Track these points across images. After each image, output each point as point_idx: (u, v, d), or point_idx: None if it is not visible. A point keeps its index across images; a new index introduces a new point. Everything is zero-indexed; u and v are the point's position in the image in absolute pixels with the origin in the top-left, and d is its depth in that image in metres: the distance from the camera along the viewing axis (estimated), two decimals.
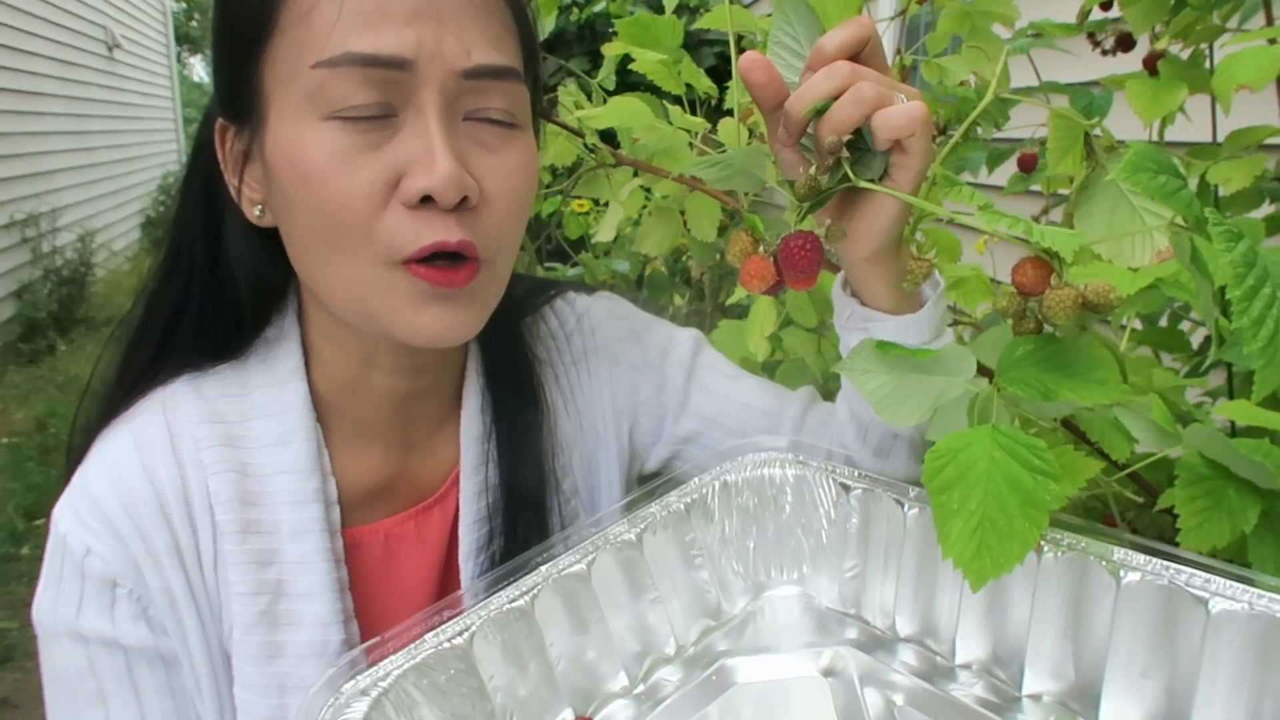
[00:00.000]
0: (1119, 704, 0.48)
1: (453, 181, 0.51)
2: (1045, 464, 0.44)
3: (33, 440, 3.81)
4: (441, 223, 0.53)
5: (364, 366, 0.63)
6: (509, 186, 0.56)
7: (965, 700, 0.52)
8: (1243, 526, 0.51)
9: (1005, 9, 0.97)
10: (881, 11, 3.23)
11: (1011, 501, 0.44)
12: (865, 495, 0.59)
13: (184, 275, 0.64)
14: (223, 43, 0.56)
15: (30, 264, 5.21)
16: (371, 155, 0.52)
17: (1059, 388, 0.48)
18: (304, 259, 0.57)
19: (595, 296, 0.80)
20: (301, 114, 0.52)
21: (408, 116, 0.52)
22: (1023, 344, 0.50)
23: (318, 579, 0.60)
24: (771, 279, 0.52)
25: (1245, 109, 0.82)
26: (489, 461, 0.68)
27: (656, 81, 0.87)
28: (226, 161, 0.59)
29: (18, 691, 2.39)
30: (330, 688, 0.43)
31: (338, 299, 0.56)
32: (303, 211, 0.53)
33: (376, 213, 0.52)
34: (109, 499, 0.58)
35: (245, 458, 0.61)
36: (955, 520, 0.45)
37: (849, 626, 0.59)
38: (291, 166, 0.52)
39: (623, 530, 0.56)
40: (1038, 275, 0.49)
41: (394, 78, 0.51)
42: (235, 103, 0.56)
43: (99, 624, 0.58)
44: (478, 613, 0.48)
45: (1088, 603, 0.49)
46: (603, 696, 0.53)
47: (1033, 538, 0.44)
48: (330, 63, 0.50)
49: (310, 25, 0.51)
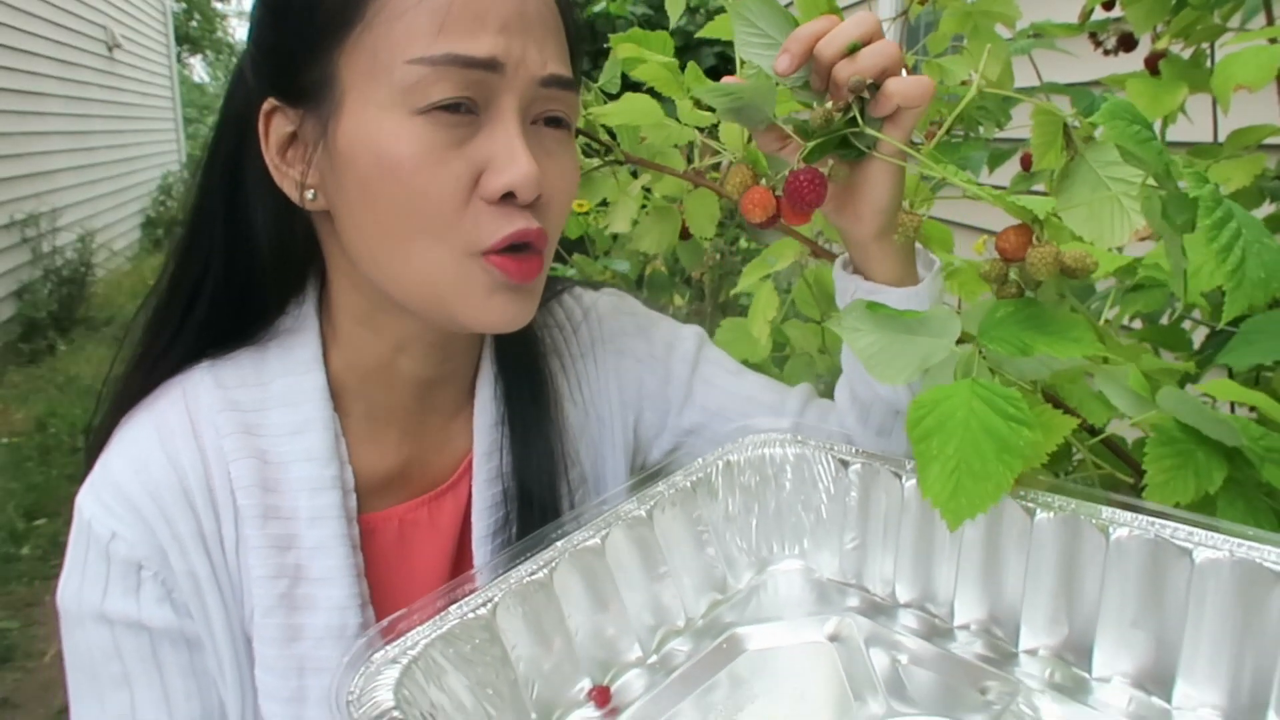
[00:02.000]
0: (1111, 653, 0.51)
1: (533, 178, 0.55)
2: (1020, 412, 0.48)
3: (33, 440, 3.81)
4: (521, 215, 0.56)
5: (394, 351, 0.65)
6: (564, 187, 0.60)
7: (966, 656, 0.54)
8: (1208, 487, 0.54)
9: (1007, 9, 0.98)
10: (883, 12, 3.24)
11: (987, 447, 0.48)
12: (864, 469, 0.61)
13: (203, 253, 0.64)
14: (288, 30, 0.58)
15: (30, 264, 5.21)
16: (456, 151, 0.55)
17: (1035, 343, 0.51)
18: (376, 246, 0.58)
19: (602, 292, 0.82)
20: (391, 106, 0.54)
21: (489, 117, 0.56)
22: (1004, 306, 0.54)
23: (335, 564, 0.61)
24: (772, 209, 0.57)
25: (1246, 108, 0.83)
26: (501, 449, 0.69)
27: (658, 87, 0.88)
28: (270, 143, 0.60)
29: (18, 691, 2.39)
30: (360, 657, 0.44)
31: (409, 285, 0.58)
32: (383, 201, 0.56)
33: (460, 206, 0.55)
34: (133, 484, 0.59)
35: (264, 445, 0.62)
36: (934, 464, 0.49)
37: (850, 596, 0.61)
38: (377, 157, 0.55)
39: (633, 507, 0.58)
40: (1019, 241, 0.53)
41: (484, 80, 0.54)
42: (295, 85, 0.58)
43: (124, 606, 0.59)
44: (499, 585, 0.50)
45: (1079, 560, 0.52)
46: (619, 666, 0.55)
47: (1006, 481, 0.47)
48: (431, 60, 0.53)
49: (409, 23, 0.53)
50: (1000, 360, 0.53)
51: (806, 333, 1.03)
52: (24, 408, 4.17)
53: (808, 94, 0.58)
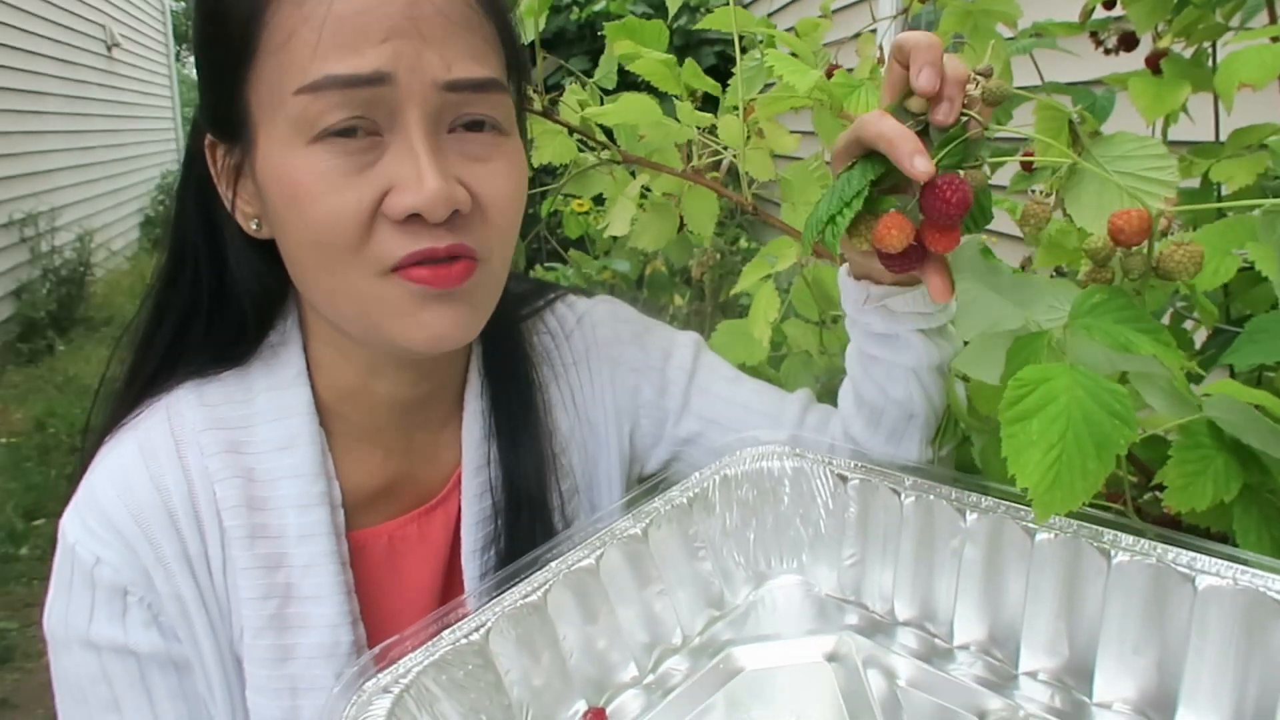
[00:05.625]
0: (1112, 679, 0.50)
1: (440, 198, 0.52)
2: (1124, 409, 0.45)
3: (32, 440, 3.81)
4: (429, 233, 0.54)
5: (367, 375, 0.64)
6: (500, 192, 0.57)
7: (965, 679, 0.54)
8: (1224, 495, 0.52)
9: (1007, 8, 0.97)
10: (883, 10, 3.23)
11: (1088, 440, 0.45)
12: (862, 485, 0.61)
13: (189, 281, 0.64)
14: (206, 64, 0.57)
15: (29, 264, 5.21)
16: (359, 177, 0.53)
17: (1140, 343, 0.48)
18: (301, 274, 0.58)
19: (596, 300, 0.81)
20: (289, 138, 0.53)
21: (393, 136, 0.53)
22: (1098, 293, 0.50)
23: (325, 581, 0.61)
24: (910, 234, 0.49)
25: (1248, 107, 0.82)
26: (491, 463, 0.68)
27: (655, 82, 0.87)
28: (220, 175, 0.59)
29: (17, 692, 2.39)
30: (352, 685, 0.44)
31: (338, 312, 0.57)
32: (295, 230, 0.55)
33: (365, 231, 0.53)
34: (116, 507, 0.58)
35: (250, 463, 0.61)
36: (1033, 450, 0.45)
37: (849, 612, 0.61)
38: (281, 188, 0.54)
39: (628, 525, 0.57)
40: (1139, 226, 0.48)
41: (376, 96, 0.52)
42: (223, 122, 0.57)
43: (111, 632, 0.58)
44: (492, 609, 0.49)
45: (1080, 583, 0.51)
46: (614, 687, 0.54)
47: (1100, 478, 0.45)
48: (312, 88, 0.51)
49: (290, 51, 0.52)
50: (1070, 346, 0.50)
51: (805, 332, 1.02)
52: (23, 408, 4.16)
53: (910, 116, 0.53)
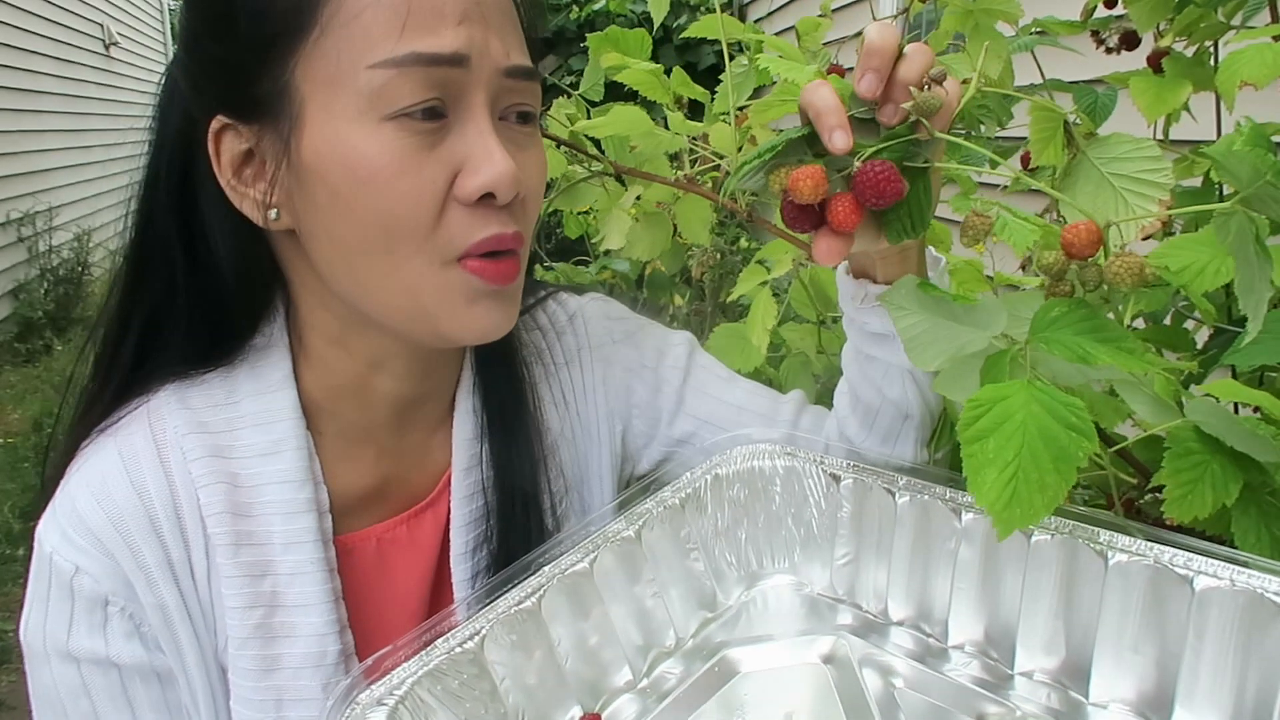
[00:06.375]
0: (1109, 678, 0.50)
1: (511, 176, 0.53)
2: (1081, 421, 0.45)
3: (29, 441, 3.80)
4: (497, 217, 0.54)
5: (370, 371, 0.62)
6: (537, 184, 0.58)
7: (962, 680, 0.54)
8: (1225, 499, 0.52)
9: (1008, 7, 0.97)
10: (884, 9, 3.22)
11: (1045, 455, 0.45)
12: (855, 485, 0.60)
13: (161, 280, 0.61)
14: (234, 35, 0.54)
15: (26, 263, 5.20)
16: (430, 155, 0.53)
17: (1098, 353, 0.48)
18: (352, 261, 0.55)
19: (588, 298, 0.80)
20: (357, 115, 0.52)
21: (459, 116, 0.53)
22: (1057, 306, 0.51)
23: (312, 589, 0.59)
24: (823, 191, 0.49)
25: (1249, 106, 0.82)
26: (481, 463, 0.67)
27: (643, 92, 0.86)
28: (223, 164, 0.56)
29: (14, 693, 2.38)
30: (345, 698, 0.43)
31: (388, 300, 0.56)
32: (359, 215, 0.53)
33: (437, 212, 0.53)
34: (95, 514, 0.57)
35: (235, 468, 0.59)
36: (990, 469, 0.45)
37: (842, 612, 0.60)
38: (348, 169, 0.52)
39: (621, 528, 0.56)
40: (1089, 239, 0.49)
41: (452, 77, 0.52)
42: (247, 100, 0.54)
43: (91, 643, 0.57)
44: (486, 616, 0.48)
45: (1077, 583, 0.51)
46: (609, 692, 0.53)
47: (1061, 492, 0.45)
48: (395, 62, 0.51)
49: (363, 26, 0.51)
50: (1036, 360, 0.51)
51: (803, 334, 1.01)
52: (20, 408, 4.15)
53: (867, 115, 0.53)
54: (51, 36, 5.86)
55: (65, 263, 5.47)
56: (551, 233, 3.96)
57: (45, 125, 5.72)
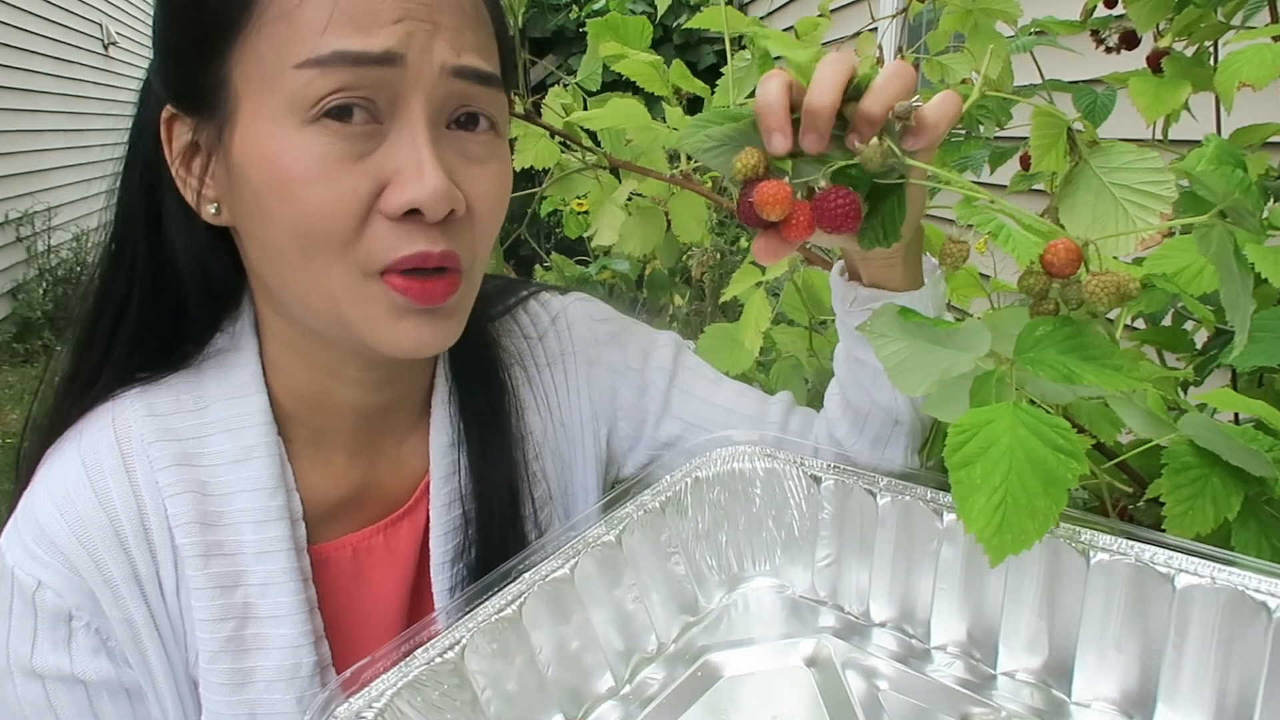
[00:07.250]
0: (1092, 677, 0.50)
1: (441, 195, 0.50)
2: (1069, 443, 0.45)
3: None
4: (425, 234, 0.51)
5: (327, 378, 0.61)
6: (491, 196, 0.55)
7: (945, 681, 0.54)
8: (1226, 513, 0.52)
9: (1007, 6, 0.97)
10: (883, 9, 3.22)
11: (1033, 479, 0.44)
12: (836, 486, 0.60)
13: (125, 269, 0.60)
14: (179, 30, 0.54)
15: (25, 263, 5.19)
16: (356, 164, 0.50)
17: (1082, 372, 0.48)
18: (272, 265, 0.54)
19: (571, 298, 0.77)
20: (283, 116, 0.50)
21: (394, 125, 0.51)
22: (1042, 325, 0.50)
23: (286, 600, 0.58)
24: (787, 210, 0.50)
25: (1249, 107, 0.82)
26: (459, 470, 0.65)
27: (641, 83, 0.86)
28: (173, 152, 0.56)
29: None
30: (322, 711, 0.42)
31: (309, 308, 0.54)
32: (278, 218, 0.51)
33: (359, 223, 0.50)
34: (59, 527, 0.55)
35: (204, 476, 0.58)
36: (978, 496, 0.45)
37: (824, 614, 0.60)
38: (269, 171, 0.50)
39: (602, 532, 0.56)
40: (1068, 258, 0.49)
41: (383, 78, 0.49)
42: (191, 94, 0.54)
43: (56, 660, 0.55)
44: (466, 625, 0.47)
45: (1060, 582, 0.51)
46: (592, 699, 0.53)
47: (1052, 516, 0.44)
48: (319, 62, 0.49)
49: (295, 23, 0.49)
50: (1023, 380, 0.50)
51: (794, 337, 1.01)
52: (19, 408, 4.15)
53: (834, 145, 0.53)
54: (50, 36, 5.86)
55: (64, 263, 5.46)
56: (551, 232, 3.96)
57: (44, 125, 5.72)
